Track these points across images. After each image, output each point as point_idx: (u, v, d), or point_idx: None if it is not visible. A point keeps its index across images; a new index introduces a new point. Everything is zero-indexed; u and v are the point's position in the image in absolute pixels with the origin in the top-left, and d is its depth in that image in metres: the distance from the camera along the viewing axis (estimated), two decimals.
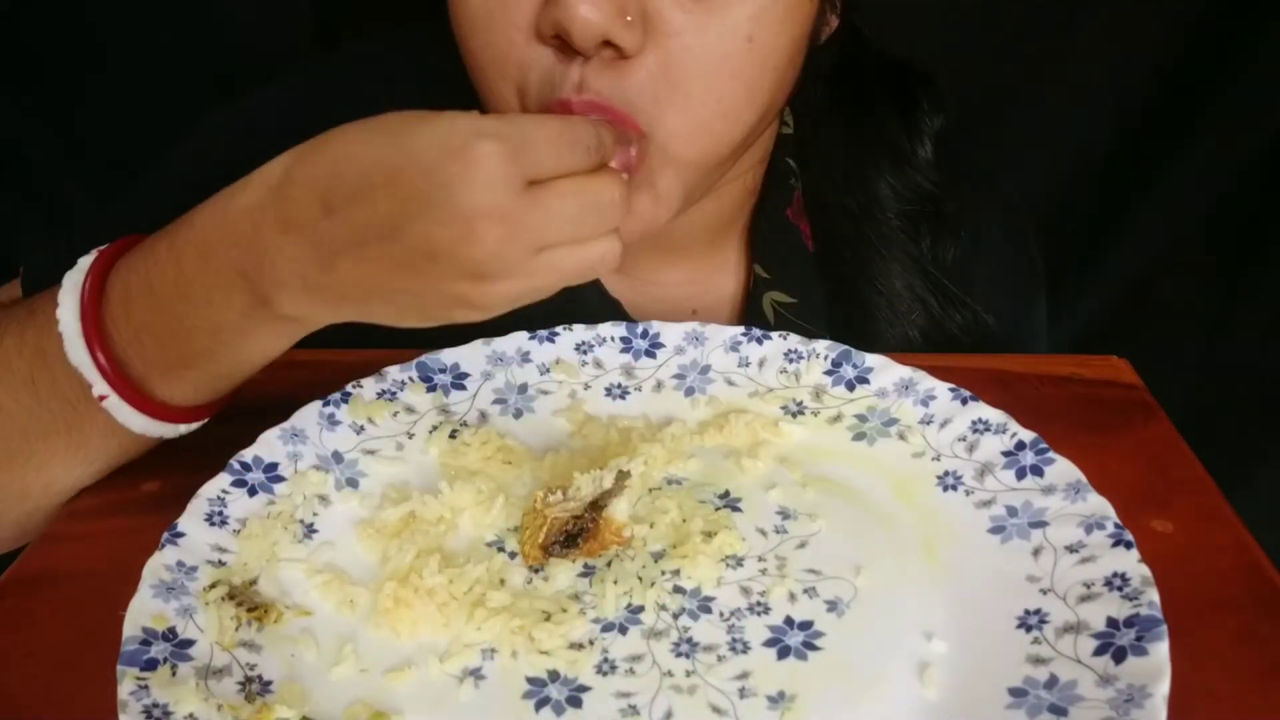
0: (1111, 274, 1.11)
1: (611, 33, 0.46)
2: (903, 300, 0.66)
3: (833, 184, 0.66)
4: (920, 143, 0.67)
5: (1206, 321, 1.11)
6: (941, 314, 0.66)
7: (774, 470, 0.51)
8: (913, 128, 0.67)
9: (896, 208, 0.66)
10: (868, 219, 0.66)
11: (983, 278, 0.69)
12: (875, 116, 0.67)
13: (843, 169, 0.66)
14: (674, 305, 0.69)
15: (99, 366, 0.47)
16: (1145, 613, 0.39)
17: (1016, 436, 0.49)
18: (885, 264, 0.66)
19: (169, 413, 0.49)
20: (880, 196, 0.66)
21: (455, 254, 0.39)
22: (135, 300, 0.47)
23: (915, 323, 0.66)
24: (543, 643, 0.41)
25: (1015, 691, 0.39)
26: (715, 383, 0.57)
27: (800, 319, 0.66)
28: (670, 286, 0.69)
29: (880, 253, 0.66)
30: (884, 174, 0.66)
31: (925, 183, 0.67)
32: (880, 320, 0.66)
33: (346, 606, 0.44)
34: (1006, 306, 0.70)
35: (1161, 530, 0.48)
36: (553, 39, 0.48)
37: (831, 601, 0.44)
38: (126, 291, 0.47)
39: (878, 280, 0.66)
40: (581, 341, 0.58)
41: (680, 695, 0.40)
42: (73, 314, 0.47)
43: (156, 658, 0.39)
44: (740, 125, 0.53)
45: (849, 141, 0.66)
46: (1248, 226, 1.06)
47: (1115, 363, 0.60)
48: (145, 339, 0.47)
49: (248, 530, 0.46)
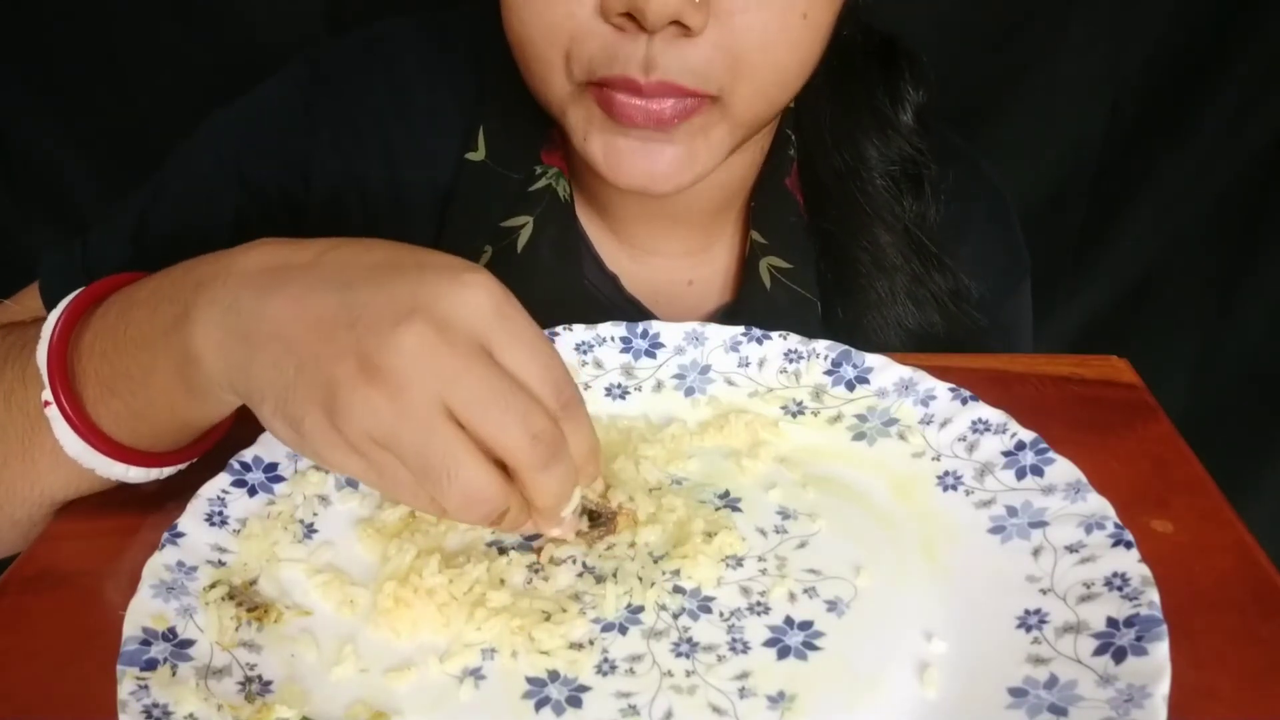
0: (1111, 274, 1.11)
1: (683, 13, 0.49)
2: (886, 256, 0.68)
3: (822, 146, 0.69)
4: (902, 108, 0.69)
5: (1206, 321, 1.11)
6: (923, 273, 0.68)
7: (774, 470, 0.51)
8: (895, 94, 0.69)
9: (881, 168, 0.68)
10: (854, 177, 0.68)
11: (967, 254, 0.70)
12: (862, 83, 0.69)
13: (831, 131, 0.68)
14: (671, 275, 0.70)
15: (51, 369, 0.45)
16: (1145, 613, 0.39)
17: (1016, 436, 0.49)
18: (870, 220, 0.68)
19: (102, 441, 0.46)
20: (866, 157, 0.68)
21: (372, 326, 0.36)
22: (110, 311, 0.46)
23: (899, 282, 0.68)
24: (543, 643, 0.41)
25: (1015, 691, 0.39)
26: (715, 383, 0.57)
27: (795, 283, 0.68)
28: (669, 257, 0.70)
29: (865, 210, 0.68)
30: (870, 136, 0.68)
31: (908, 147, 0.69)
32: (864, 275, 0.68)
33: (346, 606, 0.44)
34: (990, 283, 0.72)
35: (1161, 530, 0.48)
36: (619, 16, 0.50)
37: (831, 601, 0.44)
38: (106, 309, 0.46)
39: (862, 235, 0.68)
40: (581, 341, 0.58)
41: (680, 695, 0.40)
42: (55, 317, 0.46)
43: (156, 658, 0.39)
44: (790, 92, 0.58)
45: (837, 105, 0.68)
46: (1247, 225, 1.06)
47: (1115, 363, 0.60)
48: (96, 350, 0.46)
49: (248, 530, 0.46)
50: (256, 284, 0.40)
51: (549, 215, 0.66)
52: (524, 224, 0.66)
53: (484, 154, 0.67)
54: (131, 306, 0.45)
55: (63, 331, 0.46)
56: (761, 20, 0.52)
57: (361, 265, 0.39)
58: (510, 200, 0.66)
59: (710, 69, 0.52)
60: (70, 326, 0.46)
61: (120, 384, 0.45)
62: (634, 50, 0.51)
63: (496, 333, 0.38)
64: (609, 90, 0.53)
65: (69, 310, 0.46)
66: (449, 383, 0.36)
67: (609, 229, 0.70)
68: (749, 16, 0.52)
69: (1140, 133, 1.04)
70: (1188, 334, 1.12)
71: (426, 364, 0.36)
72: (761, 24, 0.52)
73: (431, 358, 0.36)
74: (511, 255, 0.66)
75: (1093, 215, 1.09)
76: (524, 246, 0.66)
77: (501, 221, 0.66)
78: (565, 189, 0.67)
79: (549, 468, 0.38)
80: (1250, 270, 1.08)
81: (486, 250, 0.66)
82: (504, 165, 0.67)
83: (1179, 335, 1.12)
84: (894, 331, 0.67)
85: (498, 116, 0.67)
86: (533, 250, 0.66)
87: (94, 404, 0.46)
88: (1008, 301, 0.75)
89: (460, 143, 0.67)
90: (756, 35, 0.52)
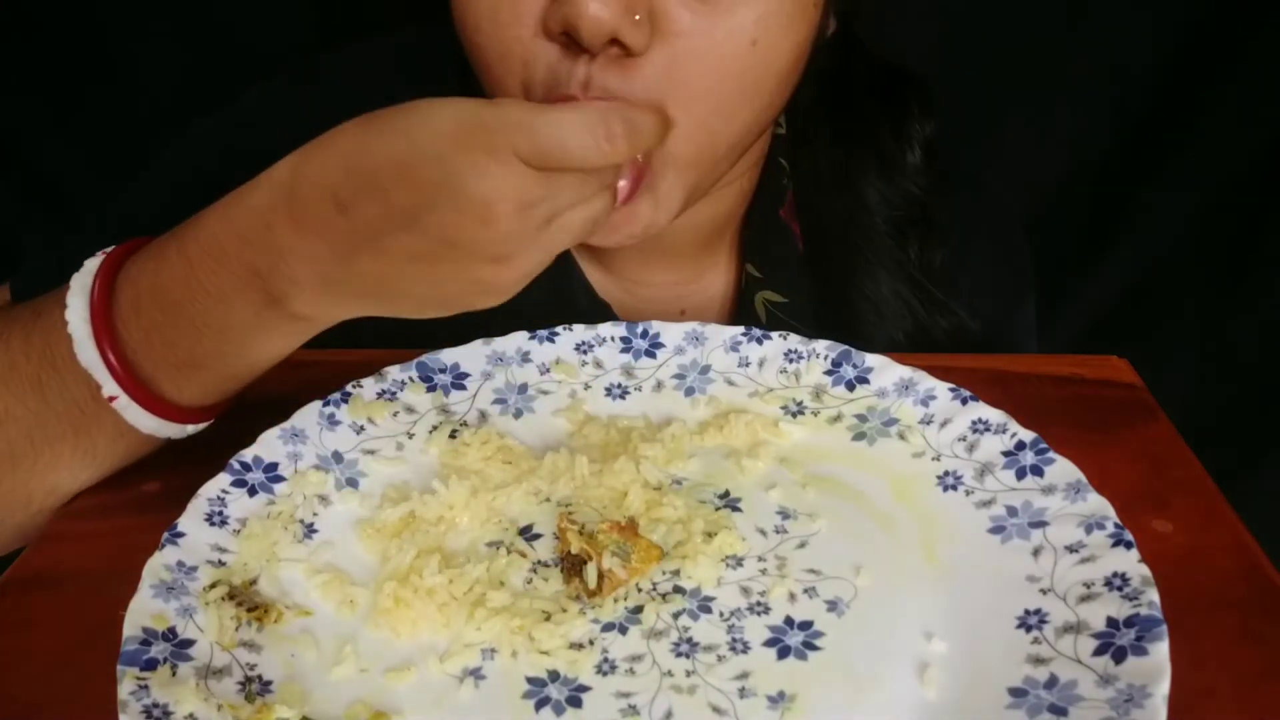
0: (1111, 274, 1.11)
1: (620, 31, 0.47)
2: (889, 305, 0.66)
3: (820, 188, 0.67)
4: (910, 149, 0.67)
5: (1207, 321, 1.11)
6: (927, 319, 0.67)
7: (774, 470, 0.51)
8: (902, 134, 0.67)
9: (885, 213, 0.66)
10: (854, 224, 0.66)
11: (969, 282, 0.69)
12: (865, 123, 0.67)
13: (830, 174, 0.67)
14: (663, 305, 0.69)
15: (109, 366, 0.47)
16: (1145, 613, 0.39)
17: (1016, 436, 0.49)
18: (872, 269, 0.66)
19: (178, 413, 0.49)
20: (868, 202, 0.66)
21: (475, 238, 0.40)
22: (145, 302, 0.47)
23: (901, 326, 0.67)
24: (543, 643, 0.41)
25: (1015, 691, 0.39)
26: (715, 383, 0.57)
27: (791, 317, 0.67)
28: (660, 287, 0.70)
29: (867, 258, 0.66)
30: (871, 180, 0.66)
31: (914, 189, 0.67)
32: (866, 324, 0.67)
33: (346, 606, 0.44)
34: (992, 310, 0.71)
35: (1161, 530, 0.48)
36: (560, 35, 0.49)
37: (831, 601, 0.44)
38: (136, 293, 0.47)
39: (864, 285, 0.66)
40: (581, 341, 0.58)
41: (680, 695, 0.40)
42: (82, 316, 0.47)
43: (156, 658, 0.39)
44: (737, 125, 0.53)
45: (837, 146, 0.67)
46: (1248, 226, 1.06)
47: (1115, 363, 0.60)
48: (155, 339, 0.47)
49: (248, 530, 0.46)
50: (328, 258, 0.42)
51: None
52: None
53: None
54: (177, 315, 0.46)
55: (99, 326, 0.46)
56: (706, 44, 0.49)
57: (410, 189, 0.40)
58: None
59: (646, 94, 0.49)
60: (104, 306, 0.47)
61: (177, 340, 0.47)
62: (576, 71, 0.49)
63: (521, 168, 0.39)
64: None
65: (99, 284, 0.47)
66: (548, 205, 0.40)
67: (597, 260, 0.69)
68: (693, 40, 0.49)
69: (1141, 132, 1.04)
70: (1188, 334, 1.12)
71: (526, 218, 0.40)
72: (706, 48, 0.49)
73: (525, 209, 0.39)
74: None
75: (1093, 215, 1.08)
76: None
77: None
78: None
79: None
80: (1251, 270, 1.08)
81: None
82: None
83: (1179, 335, 1.11)
84: None
85: None
86: None
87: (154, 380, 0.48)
88: (1011, 320, 0.74)
89: None
90: (700, 61, 0.49)
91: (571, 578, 0.44)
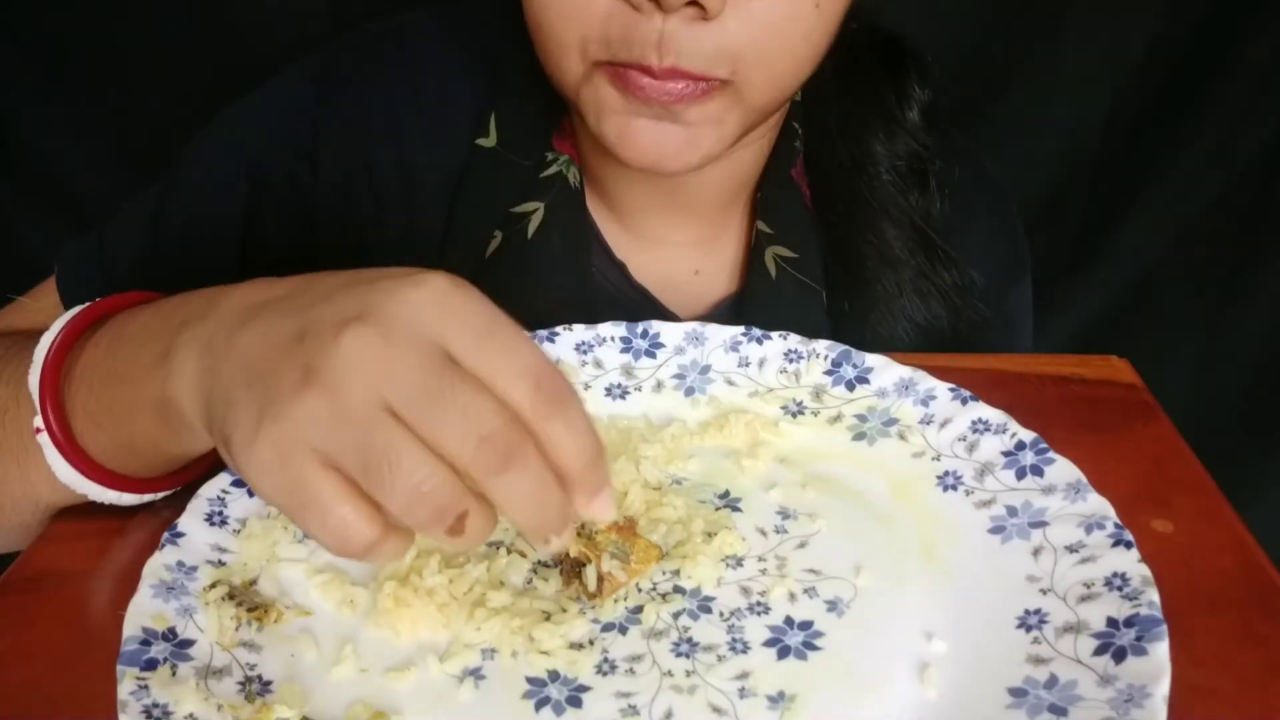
0: (1110, 273, 1.11)
1: None
2: (892, 250, 0.68)
3: (828, 140, 0.69)
4: (908, 106, 0.70)
5: (1207, 321, 1.11)
6: (929, 266, 0.69)
7: (774, 470, 0.51)
8: (901, 93, 0.70)
9: (887, 163, 0.69)
10: (860, 172, 0.69)
11: (970, 249, 0.71)
12: (868, 80, 0.69)
13: (838, 126, 0.69)
14: (678, 265, 0.70)
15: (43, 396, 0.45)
16: (1145, 613, 0.39)
17: (1016, 436, 0.49)
18: (876, 216, 0.68)
19: (93, 469, 0.46)
20: (872, 152, 0.69)
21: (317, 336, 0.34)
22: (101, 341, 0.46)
23: (905, 276, 0.68)
24: (543, 643, 0.41)
25: (1015, 691, 0.39)
26: (715, 383, 0.57)
27: (800, 272, 0.68)
28: (676, 247, 0.71)
29: (871, 205, 0.68)
30: (876, 133, 0.69)
31: (913, 144, 0.69)
32: (870, 269, 0.68)
33: (346, 606, 0.44)
34: (992, 277, 0.72)
35: (1161, 530, 0.48)
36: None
37: (831, 601, 0.44)
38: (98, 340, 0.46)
39: (868, 229, 0.68)
40: (581, 341, 0.58)
41: (680, 695, 0.40)
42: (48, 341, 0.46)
43: (156, 658, 0.39)
44: (798, 81, 0.59)
45: (844, 102, 0.69)
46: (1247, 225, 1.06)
47: (1115, 363, 0.60)
48: (84, 382, 0.45)
49: (248, 530, 0.46)
50: (231, 321, 0.38)
51: (559, 201, 0.67)
52: (534, 210, 0.66)
53: (495, 140, 0.67)
54: (120, 341, 0.45)
55: (56, 357, 0.45)
56: (777, 8, 0.53)
57: (326, 288, 0.37)
58: (521, 186, 0.67)
59: (722, 55, 0.53)
60: (64, 351, 0.45)
61: (105, 417, 0.45)
62: (649, 30, 0.52)
63: (452, 328, 0.34)
64: (622, 69, 0.54)
65: (63, 334, 0.46)
66: (388, 379, 0.33)
67: (617, 218, 0.70)
68: (765, 3, 0.53)
69: (1140, 131, 1.04)
70: (1188, 334, 1.12)
71: (366, 364, 0.33)
72: (777, 12, 0.53)
73: (370, 358, 0.33)
74: (522, 241, 0.66)
75: (1092, 214, 1.09)
76: (534, 233, 0.66)
77: (512, 207, 0.67)
78: (576, 176, 0.67)
79: (503, 473, 0.34)
80: (1251, 269, 1.08)
81: (496, 236, 0.66)
82: (515, 151, 0.67)
83: (1179, 335, 1.12)
84: (900, 324, 0.68)
85: (509, 103, 0.68)
86: (543, 237, 0.66)
87: (83, 434, 0.45)
88: (1010, 294, 0.76)
89: (471, 129, 0.68)
90: (772, 23, 0.53)
91: (571, 581, 0.44)
